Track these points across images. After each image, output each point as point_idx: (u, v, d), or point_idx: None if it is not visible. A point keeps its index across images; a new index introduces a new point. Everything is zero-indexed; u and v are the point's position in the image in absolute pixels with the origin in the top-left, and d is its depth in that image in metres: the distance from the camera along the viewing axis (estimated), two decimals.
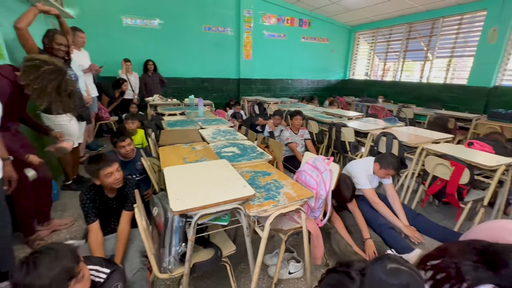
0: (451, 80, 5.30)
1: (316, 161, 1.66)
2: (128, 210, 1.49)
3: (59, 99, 1.53)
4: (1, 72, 1.49)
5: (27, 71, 1.43)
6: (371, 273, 0.78)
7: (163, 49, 5.45)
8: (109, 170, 1.41)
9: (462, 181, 1.98)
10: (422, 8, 5.25)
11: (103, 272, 0.95)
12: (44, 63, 1.46)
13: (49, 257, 0.77)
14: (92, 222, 1.41)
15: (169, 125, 2.78)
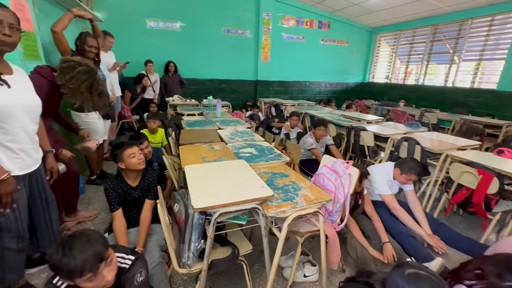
0: (479, 84, 5.04)
1: (335, 164, 1.65)
2: (150, 199, 1.59)
3: (91, 98, 1.63)
4: (41, 72, 1.62)
5: (63, 72, 1.54)
6: (391, 281, 0.76)
7: (184, 51, 5.60)
8: (132, 151, 1.54)
9: (490, 190, 1.88)
10: (449, 9, 5.04)
11: (128, 259, 1.01)
12: (78, 64, 1.57)
13: (82, 241, 0.83)
14: (115, 210, 1.51)
15: (188, 125, 2.85)
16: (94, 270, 0.82)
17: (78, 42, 2.33)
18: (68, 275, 0.81)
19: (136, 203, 1.63)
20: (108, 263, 0.87)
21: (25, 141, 1.18)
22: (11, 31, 1.07)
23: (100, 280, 0.85)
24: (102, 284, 0.86)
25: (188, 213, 1.14)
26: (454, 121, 4.17)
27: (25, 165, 1.20)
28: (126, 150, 1.54)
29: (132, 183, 1.61)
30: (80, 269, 0.80)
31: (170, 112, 4.27)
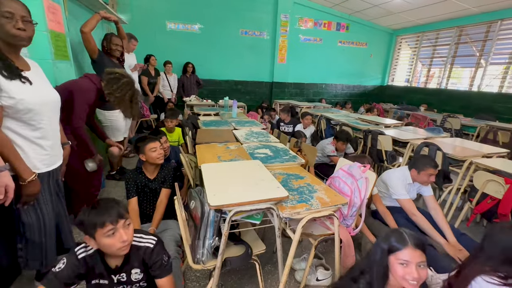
0: (508, 89, 4.78)
1: (352, 168, 1.62)
2: (166, 187, 1.69)
3: (131, 106, 1.79)
4: (92, 79, 1.78)
5: (110, 82, 1.70)
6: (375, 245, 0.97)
7: (202, 52, 5.72)
8: (153, 145, 1.65)
9: None
10: (476, 10, 4.82)
11: (150, 239, 1.05)
12: (122, 76, 1.73)
13: (106, 201, 0.96)
14: (132, 197, 1.63)
15: (204, 124, 2.90)
16: (114, 223, 0.90)
17: (104, 43, 2.46)
18: (92, 226, 0.89)
19: (154, 195, 1.71)
20: (126, 225, 0.95)
21: (52, 137, 1.22)
22: (24, 25, 1.04)
23: (118, 238, 0.91)
24: (118, 244, 0.91)
25: (204, 210, 1.16)
26: (479, 127, 3.97)
27: (51, 161, 1.24)
28: (148, 144, 1.65)
29: (150, 176, 1.70)
30: (102, 220, 0.88)
31: (187, 112, 4.37)
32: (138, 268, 1.02)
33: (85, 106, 1.73)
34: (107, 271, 0.99)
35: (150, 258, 1.01)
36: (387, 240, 0.96)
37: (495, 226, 1.04)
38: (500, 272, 0.98)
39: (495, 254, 0.99)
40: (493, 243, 1.00)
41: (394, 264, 0.94)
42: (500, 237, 0.97)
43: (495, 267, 0.99)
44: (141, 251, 1.01)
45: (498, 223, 1.04)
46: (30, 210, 1.16)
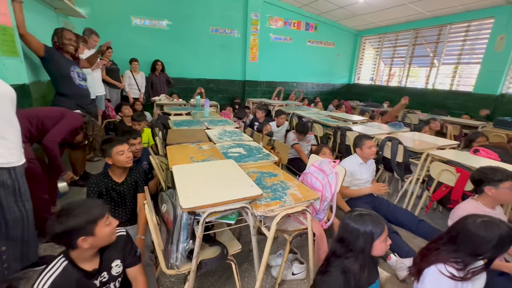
0: (457, 87, 5.29)
1: (322, 163, 1.68)
2: (140, 192, 1.65)
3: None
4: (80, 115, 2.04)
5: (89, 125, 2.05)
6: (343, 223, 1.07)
7: (171, 50, 5.52)
8: (121, 148, 1.57)
9: (467, 187, 1.98)
10: (429, 14, 5.26)
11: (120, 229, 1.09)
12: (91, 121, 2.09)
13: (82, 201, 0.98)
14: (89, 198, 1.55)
15: (175, 124, 2.81)
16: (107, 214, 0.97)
17: (55, 38, 2.29)
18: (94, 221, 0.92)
19: (122, 199, 1.62)
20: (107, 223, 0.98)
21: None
22: None
23: (114, 224, 1.00)
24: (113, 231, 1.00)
25: (177, 213, 1.12)
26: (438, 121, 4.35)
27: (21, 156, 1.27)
28: (115, 147, 1.55)
29: (117, 179, 1.61)
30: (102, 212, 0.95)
31: (156, 111, 4.19)
32: (118, 259, 1.05)
33: (67, 131, 1.86)
34: (87, 277, 0.97)
35: (126, 244, 1.08)
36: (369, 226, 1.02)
37: (467, 219, 1.11)
38: (461, 263, 1.07)
39: (466, 247, 1.07)
40: (463, 237, 1.08)
41: (377, 244, 1.03)
42: (473, 232, 1.05)
43: (460, 258, 1.08)
44: (118, 241, 1.05)
45: (470, 217, 1.11)
46: (13, 206, 1.18)
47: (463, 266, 1.07)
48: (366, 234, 1.01)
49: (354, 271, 1.02)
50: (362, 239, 1.01)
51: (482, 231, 1.05)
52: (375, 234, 1.01)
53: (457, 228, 1.14)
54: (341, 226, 1.10)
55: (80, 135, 2.04)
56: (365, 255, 1.02)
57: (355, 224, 1.03)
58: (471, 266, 1.08)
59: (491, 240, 1.03)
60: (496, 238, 1.03)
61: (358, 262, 1.02)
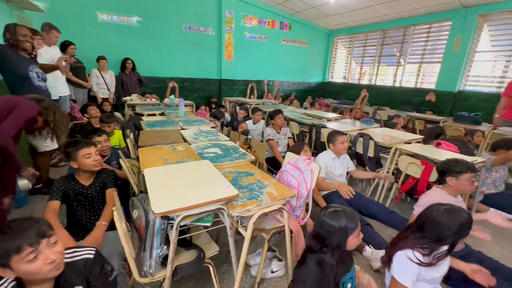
0: (421, 84, 5.66)
1: (298, 161, 1.70)
2: (110, 187, 1.56)
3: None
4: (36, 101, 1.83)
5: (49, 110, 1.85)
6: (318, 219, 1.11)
7: (142, 47, 5.29)
8: (87, 151, 1.46)
9: (431, 178, 2.12)
10: (395, 16, 5.56)
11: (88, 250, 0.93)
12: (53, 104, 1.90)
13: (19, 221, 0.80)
14: (52, 199, 1.39)
15: (148, 125, 2.70)
16: (34, 245, 0.75)
17: (7, 35, 2.09)
18: (4, 254, 0.73)
19: (90, 203, 1.52)
20: (52, 243, 0.80)
21: None
22: None
23: (44, 260, 0.77)
24: (46, 268, 0.77)
25: (149, 218, 1.08)
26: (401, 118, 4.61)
27: None
28: (81, 149, 1.45)
29: (85, 182, 1.52)
30: (18, 244, 0.73)
31: (128, 112, 4.00)
32: (80, 286, 0.89)
33: (21, 123, 1.70)
34: None
35: (91, 270, 0.90)
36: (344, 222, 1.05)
37: (432, 208, 1.20)
38: (427, 249, 1.16)
39: (431, 234, 1.16)
40: (429, 224, 1.17)
41: (350, 240, 1.06)
42: (437, 220, 1.14)
43: (426, 244, 1.16)
44: (79, 265, 0.89)
45: (435, 205, 1.20)
46: None
47: (429, 252, 1.16)
48: (341, 230, 1.04)
49: (331, 264, 1.05)
50: (337, 235, 1.04)
51: (445, 218, 1.14)
52: (349, 230, 1.04)
53: (423, 216, 1.22)
54: (317, 222, 1.12)
55: (40, 121, 1.84)
56: (340, 250, 1.05)
57: (330, 221, 1.05)
58: (436, 251, 1.16)
59: (453, 226, 1.12)
60: (457, 225, 1.12)
61: (334, 258, 1.05)
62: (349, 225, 1.04)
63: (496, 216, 1.61)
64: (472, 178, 1.61)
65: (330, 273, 1.05)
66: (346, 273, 1.14)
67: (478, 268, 1.32)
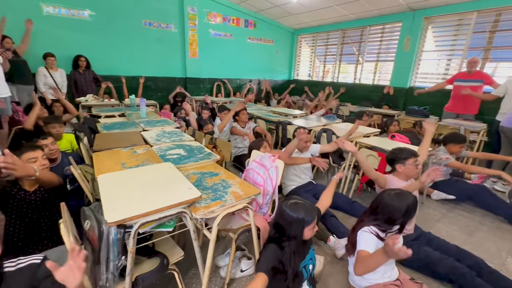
0: (378, 81, 6.07)
1: (263, 158, 1.72)
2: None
3: None
4: None
5: None
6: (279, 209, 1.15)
7: (97, 44, 4.90)
8: (33, 155, 1.38)
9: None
10: (352, 16, 5.87)
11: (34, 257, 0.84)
12: None
13: None
14: None
15: (105, 128, 2.52)
16: None
17: None
18: None
19: (36, 211, 1.37)
20: None
21: None
22: None
23: None
24: None
25: (102, 229, 1.00)
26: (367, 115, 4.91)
27: None
28: (25, 153, 1.35)
29: (29, 188, 1.38)
30: None
31: (82, 114, 3.69)
32: None
33: None
34: None
35: (37, 275, 0.82)
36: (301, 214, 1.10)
37: (384, 192, 1.34)
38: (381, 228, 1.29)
39: (383, 216, 1.29)
40: (381, 207, 1.29)
41: (306, 231, 1.11)
42: (388, 203, 1.27)
43: (379, 225, 1.30)
44: (24, 273, 0.80)
45: (386, 191, 1.35)
46: None
47: (382, 230, 1.29)
48: (298, 221, 1.08)
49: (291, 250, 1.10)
50: (295, 226, 1.09)
51: (395, 201, 1.27)
52: (306, 222, 1.09)
53: (376, 201, 1.35)
54: (277, 211, 1.18)
55: None
56: (297, 240, 1.10)
57: (290, 211, 1.10)
58: (388, 231, 1.30)
59: (402, 208, 1.25)
60: (405, 207, 1.25)
61: (291, 247, 1.09)
62: (306, 217, 1.08)
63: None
64: (415, 162, 1.78)
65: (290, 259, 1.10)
66: (306, 255, 1.20)
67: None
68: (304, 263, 1.20)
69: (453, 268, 1.52)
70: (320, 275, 1.61)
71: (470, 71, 3.77)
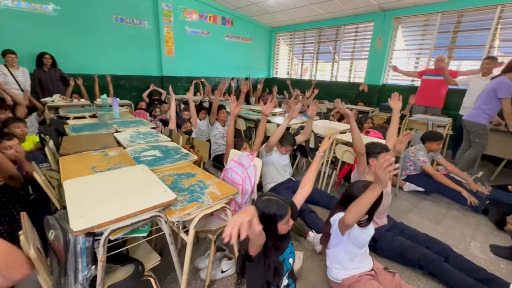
0: (354, 79, 6.27)
1: (241, 157, 1.70)
2: None
3: None
4: None
5: None
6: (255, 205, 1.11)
7: (64, 41, 4.59)
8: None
9: None
10: (327, 15, 6.00)
11: None
12: None
13: None
14: None
15: (74, 130, 2.38)
16: None
17: None
18: None
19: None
20: None
21: None
22: None
23: None
24: None
25: (68, 238, 0.93)
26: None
27: None
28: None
29: None
30: None
31: (48, 115, 3.45)
32: None
33: None
34: None
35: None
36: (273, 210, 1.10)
37: (353, 185, 1.42)
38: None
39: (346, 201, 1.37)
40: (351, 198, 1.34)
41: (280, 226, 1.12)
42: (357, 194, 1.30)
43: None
44: None
45: (355, 182, 1.43)
46: None
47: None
48: (270, 217, 1.09)
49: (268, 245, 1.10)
50: (268, 221, 1.09)
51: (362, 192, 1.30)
52: (278, 216, 1.10)
53: (346, 192, 1.43)
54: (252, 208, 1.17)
55: None
56: (271, 234, 1.10)
57: (262, 207, 1.10)
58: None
59: None
60: None
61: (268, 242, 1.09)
62: (278, 212, 1.10)
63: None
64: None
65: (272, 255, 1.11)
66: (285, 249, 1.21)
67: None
68: (284, 256, 1.21)
69: (423, 255, 1.61)
70: (300, 272, 1.63)
71: (437, 68, 4.03)
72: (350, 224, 1.25)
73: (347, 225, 1.26)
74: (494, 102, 2.91)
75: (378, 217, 1.83)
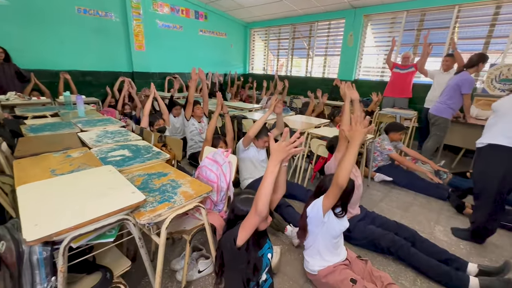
0: (328, 74, 6.42)
1: (216, 154, 1.67)
2: None
3: None
4: None
5: None
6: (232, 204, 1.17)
7: (18, 33, 4.18)
8: None
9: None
10: (301, 12, 6.06)
11: None
12: None
13: None
14: None
15: (33, 130, 2.18)
16: None
17: None
18: None
19: None
20: None
21: None
22: None
23: None
24: None
25: (22, 249, 0.85)
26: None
27: None
28: None
29: None
30: None
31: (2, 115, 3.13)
32: None
33: None
34: None
35: None
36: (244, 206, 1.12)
37: (325, 177, 1.50)
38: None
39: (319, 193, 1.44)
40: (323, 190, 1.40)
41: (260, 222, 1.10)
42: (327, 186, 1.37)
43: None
44: None
45: (327, 176, 1.51)
46: None
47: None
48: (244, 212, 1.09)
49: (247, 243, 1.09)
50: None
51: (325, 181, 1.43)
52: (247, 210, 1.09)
53: (319, 185, 1.50)
54: (230, 208, 1.17)
55: None
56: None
57: (240, 206, 1.11)
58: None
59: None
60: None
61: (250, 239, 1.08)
62: None
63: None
64: None
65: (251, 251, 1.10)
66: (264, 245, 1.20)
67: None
68: (262, 251, 1.20)
69: (392, 241, 1.70)
70: (278, 267, 1.64)
71: (404, 64, 4.31)
72: (343, 183, 1.24)
73: (341, 185, 1.24)
74: (458, 97, 3.13)
75: (351, 207, 1.89)
